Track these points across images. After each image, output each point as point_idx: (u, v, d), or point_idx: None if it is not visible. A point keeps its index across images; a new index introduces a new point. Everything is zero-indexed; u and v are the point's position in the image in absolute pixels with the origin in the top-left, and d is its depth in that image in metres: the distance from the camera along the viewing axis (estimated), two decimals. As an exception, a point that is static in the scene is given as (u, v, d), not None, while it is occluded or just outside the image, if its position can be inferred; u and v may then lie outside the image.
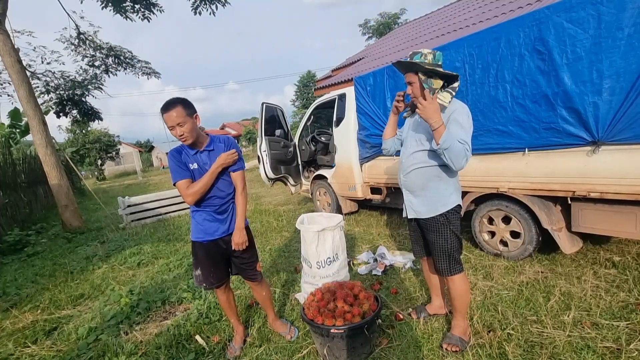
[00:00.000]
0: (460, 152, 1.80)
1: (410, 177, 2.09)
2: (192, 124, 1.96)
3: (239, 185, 2.14)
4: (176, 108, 1.89)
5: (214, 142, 2.10)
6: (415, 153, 2.06)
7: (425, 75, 1.94)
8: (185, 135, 1.93)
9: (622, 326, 2.05)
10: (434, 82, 1.95)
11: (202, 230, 2.11)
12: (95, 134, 27.14)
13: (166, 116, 1.89)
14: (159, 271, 4.01)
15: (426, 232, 2.15)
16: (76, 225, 6.90)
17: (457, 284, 2.08)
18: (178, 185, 2.02)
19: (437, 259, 2.11)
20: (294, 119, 25.99)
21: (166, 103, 1.91)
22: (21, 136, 12.44)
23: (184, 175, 2.01)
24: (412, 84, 2.00)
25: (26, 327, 3.00)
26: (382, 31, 25.32)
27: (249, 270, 2.27)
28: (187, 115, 1.92)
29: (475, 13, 8.53)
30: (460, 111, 1.91)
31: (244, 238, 2.12)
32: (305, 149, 5.98)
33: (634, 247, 3.07)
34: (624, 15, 2.22)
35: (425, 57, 1.94)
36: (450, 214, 2.05)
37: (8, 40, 6.30)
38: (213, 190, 2.08)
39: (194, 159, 2.06)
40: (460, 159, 1.81)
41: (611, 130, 2.38)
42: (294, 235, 4.75)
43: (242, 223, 2.12)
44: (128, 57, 10.00)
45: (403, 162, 2.15)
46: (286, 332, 2.43)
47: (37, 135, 6.55)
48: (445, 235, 2.05)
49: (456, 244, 2.07)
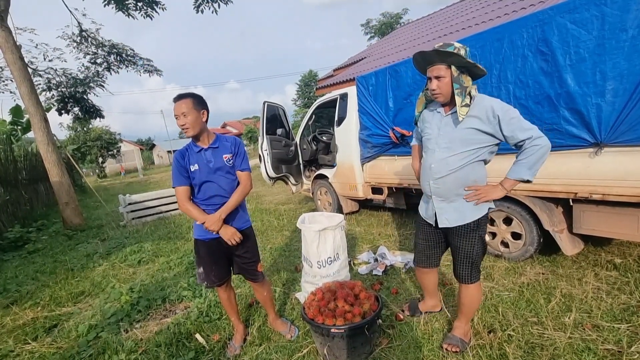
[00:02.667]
0: (545, 149, 1.71)
1: (444, 182, 1.91)
2: (197, 117, 2.00)
3: (242, 183, 2.14)
4: (186, 99, 1.97)
5: (219, 141, 2.12)
6: (449, 158, 1.88)
7: (458, 71, 1.78)
8: (187, 125, 1.97)
9: (623, 329, 2.05)
10: (465, 80, 1.79)
11: (200, 227, 2.11)
12: (96, 131, 27.18)
13: (175, 105, 1.98)
14: (160, 269, 4.02)
15: (452, 237, 2.01)
16: (77, 223, 6.91)
17: (472, 291, 2.02)
18: (176, 190, 2.07)
19: (459, 265, 2.01)
20: (296, 118, 26.01)
21: (179, 94, 2.00)
22: (22, 133, 12.44)
23: (182, 182, 2.05)
24: (440, 78, 1.81)
25: (26, 324, 3.01)
26: (384, 31, 25.31)
27: (250, 270, 2.27)
28: (194, 107, 1.98)
29: (478, 13, 8.51)
30: (498, 107, 1.76)
31: (214, 227, 2.01)
32: (306, 148, 5.98)
33: (636, 250, 3.06)
34: (628, 17, 2.21)
35: (459, 51, 1.75)
36: (481, 219, 1.94)
37: (10, 37, 6.30)
38: (215, 189, 2.07)
39: (197, 157, 2.06)
40: (547, 152, 1.73)
41: (614, 132, 2.37)
42: (295, 235, 4.75)
43: (222, 212, 2.04)
44: (130, 55, 10.00)
45: (433, 168, 1.94)
46: (286, 331, 2.43)
47: (38, 133, 6.56)
48: (473, 240, 1.94)
49: (481, 251, 1.97)
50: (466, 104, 1.78)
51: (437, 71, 1.81)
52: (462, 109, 1.78)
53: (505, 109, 1.76)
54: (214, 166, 2.05)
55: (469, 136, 1.83)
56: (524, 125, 1.74)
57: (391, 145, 4.14)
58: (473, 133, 1.82)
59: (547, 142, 1.71)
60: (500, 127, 1.77)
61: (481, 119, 1.79)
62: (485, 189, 1.87)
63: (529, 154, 1.73)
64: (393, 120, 4.03)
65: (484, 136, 1.82)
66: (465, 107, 1.78)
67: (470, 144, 1.84)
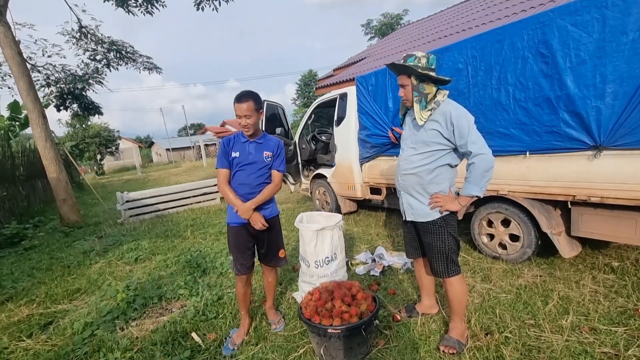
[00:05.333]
0: (484, 165, 1.84)
1: (407, 179, 2.10)
2: (257, 118, 2.20)
3: (274, 181, 2.31)
4: (248, 102, 2.12)
5: (265, 138, 2.31)
6: (412, 156, 2.06)
7: (418, 80, 1.95)
8: (249, 126, 2.17)
9: (620, 332, 2.05)
10: (426, 88, 1.94)
11: (233, 214, 2.27)
12: (95, 128, 27.10)
13: (237, 106, 2.12)
14: (156, 267, 4.00)
15: (423, 234, 2.14)
16: (74, 220, 6.87)
17: (454, 285, 2.08)
18: (218, 171, 2.29)
19: (434, 261, 2.11)
20: (295, 118, 25.98)
21: (241, 94, 2.15)
22: (20, 129, 12.36)
23: (224, 165, 2.26)
24: (404, 86, 2.01)
25: (21, 321, 2.99)
26: (384, 31, 25.28)
27: (274, 254, 2.44)
28: (255, 109, 2.16)
29: (479, 15, 8.52)
30: (455, 114, 1.89)
31: (245, 216, 2.21)
32: (305, 147, 5.97)
33: (633, 253, 3.07)
34: (629, 20, 2.21)
35: (419, 61, 1.93)
36: (448, 217, 2.05)
37: (9, 32, 6.26)
38: (244, 179, 2.24)
39: (241, 147, 2.25)
40: (489, 167, 1.86)
41: (613, 135, 2.37)
42: (293, 234, 4.74)
43: (252, 204, 2.22)
44: (130, 52, 9.96)
45: (400, 165, 2.16)
46: (274, 322, 2.53)
47: (36, 129, 6.52)
48: (442, 237, 2.05)
49: (454, 246, 2.07)
50: (430, 108, 1.95)
51: (401, 80, 2.02)
52: (423, 114, 1.96)
53: (460, 118, 1.88)
54: (252, 158, 2.23)
55: (430, 139, 1.98)
56: (472, 137, 1.87)
57: (390, 145, 4.13)
58: (434, 136, 1.97)
59: (484, 160, 1.84)
60: (453, 134, 1.91)
61: (441, 124, 1.94)
62: (444, 199, 2.01)
63: (471, 171, 1.90)
64: (392, 120, 4.03)
65: (444, 140, 1.96)
66: (428, 111, 1.95)
67: (430, 145, 1.99)
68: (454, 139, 1.92)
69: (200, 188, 7.82)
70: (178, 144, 43.38)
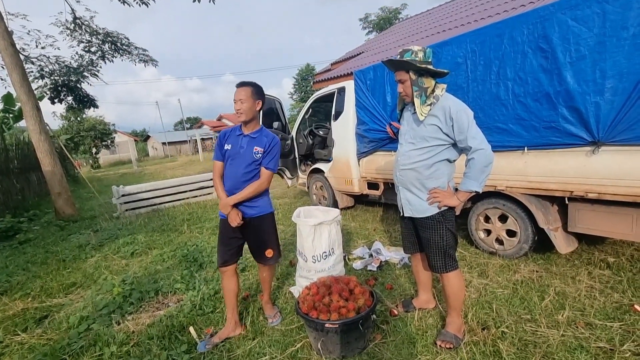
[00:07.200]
0: (484, 160, 1.84)
1: (406, 174, 2.08)
2: (252, 105, 2.19)
3: (260, 179, 2.25)
4: (247, 88, 2.17)
5: (260, 133, 2.27)
6: (411, 151, 2.05)
7: (417, 74, 1.93)
8: (242, 111, 2.16)
9: (616, 327, 2.06)
10: (425, 81, 1.93)
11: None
12: (90, 121, 26.78)
13: (237, 90, 2.18)
14: (153, 261, 3.98)
15: (421, 229, 2.13)
16: (69, 213, 6.82)
17: (452, 281, 2.08)
18: (214, 163, 2.33)
19: (432, 256, 2.10)
20: (292, 112, 25.88)
21: (242, 81, 2.21)
22: (14, 121, 12.20)
23: (219, 157, 2.30)
24: (403, 82, 1.99)
25: (16, 315, 2.97)
26: (382, 26, 25.14)
27: (258, 252, 2.40)
28: (251, 96, 2.17)
29: (478, 10, 8.47)
30: (455, 109, 1.88)
31: (224, 210, 2.23)
32: (302, 142, 5.94)
33: (628, 249, 3.08)
34: (630, 15, 2.19)
35: (416, 55, 1.91)
36: (446, 212, 2.05)
37: (1, 23, 6.14)
38: (232, 172, 2.24)
39: (234, 140, 2.25)
40: (489, 163, 1.85)
41: (612, 131, 2.37)
42: (290, 229, 4.74)
43: (232, 199, 2.21)
44: (125, 44, 9.83)
45: (398, 160, 2.14)
46: (270, 316, 2.52)
47: (30, 121, 6.43)
48: (440, 232, 2.05)
49: (451, 241, 2.07)
50: (429, 103, 1.93)
51: (399, 76, 2.00)
52: (423, 108, 1.93)
53: (460, 113, 1.87)
54: (243, 152, 2.21)
55: (429, 134, 1.97)
56: (471, 132, 1.86)
57: (388, 140, 4.11)
58: (434, 131, 1.95)
59: (484, 155, 1.84)
60: (453, 130, 1.90)
61: (440, 119, 1.92)
62: (443, 194, 2.01)
63: (470, 167, 1.89)
64: (390, 115, 4.01)
65: (443, 135, 1.95)
66: (427, 106, 1.93)
67: (429, 140, 1.97)
68: (453, 134, 1.91)
69: (196, 182, 7.78)
70: (174, 137, 43.07)
